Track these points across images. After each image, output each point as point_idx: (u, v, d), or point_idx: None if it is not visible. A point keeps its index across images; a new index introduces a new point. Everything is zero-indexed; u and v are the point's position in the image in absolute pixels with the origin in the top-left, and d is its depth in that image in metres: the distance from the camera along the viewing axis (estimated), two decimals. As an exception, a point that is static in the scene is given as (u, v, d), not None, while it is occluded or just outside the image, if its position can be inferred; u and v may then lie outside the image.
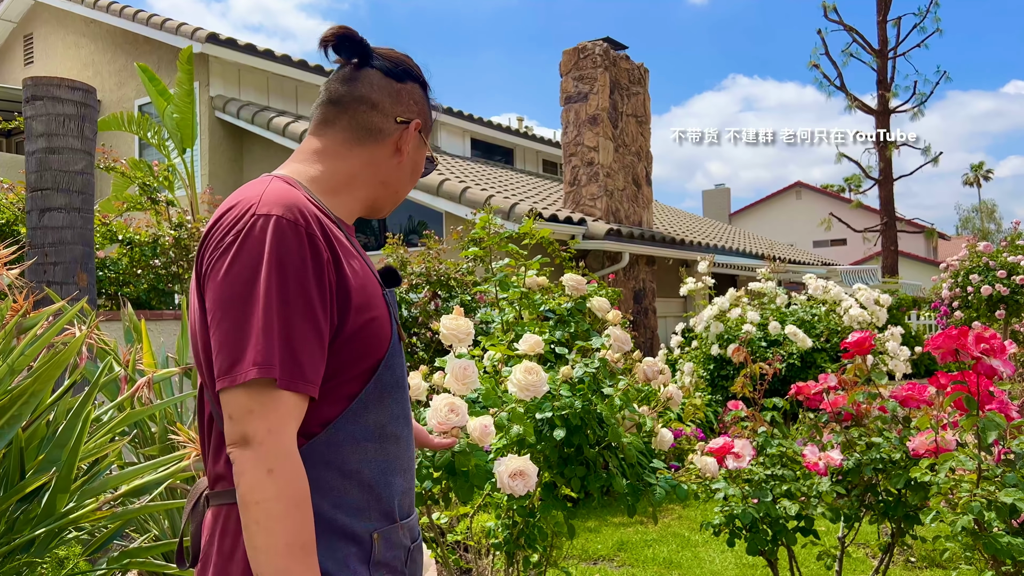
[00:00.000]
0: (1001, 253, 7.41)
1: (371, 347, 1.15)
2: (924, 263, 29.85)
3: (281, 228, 1.05)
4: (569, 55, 10.49)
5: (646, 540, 4.55)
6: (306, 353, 1.05)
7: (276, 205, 1.08)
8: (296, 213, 1.07)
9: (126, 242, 5.56)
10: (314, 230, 1.08)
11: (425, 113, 1.32)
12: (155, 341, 4.49)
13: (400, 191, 1.32)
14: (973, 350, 2.05)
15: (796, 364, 6.69)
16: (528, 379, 2.31)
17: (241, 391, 1.02)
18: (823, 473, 2.70)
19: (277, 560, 0.99)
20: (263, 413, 1.01)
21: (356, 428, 1.13)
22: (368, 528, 1.13)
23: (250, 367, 1.01)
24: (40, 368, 1.90)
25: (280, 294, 1.03)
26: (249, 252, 1.05)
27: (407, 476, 1.23)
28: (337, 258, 1.11)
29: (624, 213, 10.60)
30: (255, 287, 1.03)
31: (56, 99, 3.44)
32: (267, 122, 10.57)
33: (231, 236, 1.06)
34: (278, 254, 1.04)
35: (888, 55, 18.70)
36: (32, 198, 3.45)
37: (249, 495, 1.00)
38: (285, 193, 1.11)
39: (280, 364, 1.02)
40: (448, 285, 6.76)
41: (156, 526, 2.75)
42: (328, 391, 1.11)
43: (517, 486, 2.17)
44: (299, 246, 1.06)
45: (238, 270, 1.04)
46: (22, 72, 13.77)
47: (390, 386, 1.18)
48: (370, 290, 1.16)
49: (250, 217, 1.07)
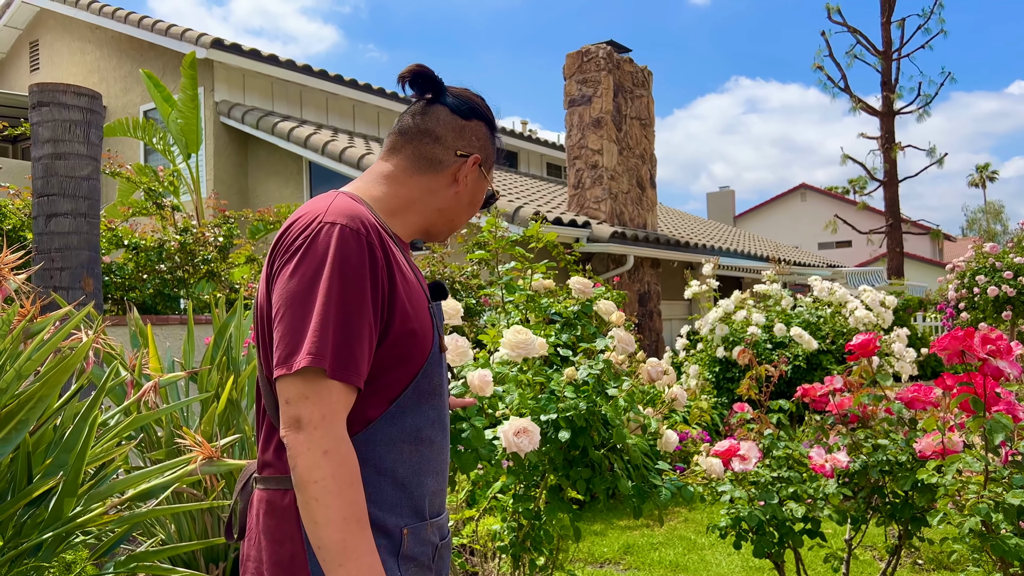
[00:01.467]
0: (1007, 254, 7.38)
1: (412, 355, 1.24)
2: (930, 264, 29.77)
3: (344, 235, 1.16)
4: (572, 58, 10.50)
5: (652, 543, 4.54)
6: (356, 348, 1.14)
7: (341, 215, 1.18)
8: (358, 223, 1.18)
9: (132, 247, 5.58)
10: (373, 239, 1.19)
11: (488, 150, 1.42)
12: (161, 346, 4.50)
13: (455, 220, 1.41)
14: (979, 351, 2.04)
15: (802, 366, 6.68)
16: (518, 338, 2.42)
17: (297, 378, 1.11)
18: (829, 475, 2.70)
19: (335, 533, 1.08)
20: (317, 399, 1.11)
21: (393, 430, 1.23)
22: (399, 523, 1.22)
23: (305, 356, 1.10)
24: (47, 373, 1.91)
25: (339, 293, 1.13)
26: (314, 255, 1.15)
27: (439, 478, 1.31)
28: (391, 268, 1.21)
29: (628, 216, 10.59)
30: (316, 286, 1.14)
31: (62, 105, 3.46)
32: (272, 127, 10.60)
33: (300, 240, 1.18)
34: (340, 257, 1.15)
35: (892, 56, 18.66)
36: (38, 204, 3.46)
37: (307, 474, 1.09)
38: (350, 206, 1.22)
39: (332, 356, 1.11)
40: (453, 288, 6.77)
41: (163, 530, 2.75)
42: (370, 392, 1.21)
43: (523, 443, 2.24)
44: (359, 252, 1.16)
45: (303, 271, 1.15)
46: (28, 79, 13.84)
47: (428, 393, 1.28)
48: (417, 302, 1.26)
49: (317, 224, 1.18)
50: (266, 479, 1.24)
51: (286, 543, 1.19)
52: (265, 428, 1.27)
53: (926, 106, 18.72)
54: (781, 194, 36.95)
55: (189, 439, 2.18)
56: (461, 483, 3.08)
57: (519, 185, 12.65)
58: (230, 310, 3.12)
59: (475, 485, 2.84)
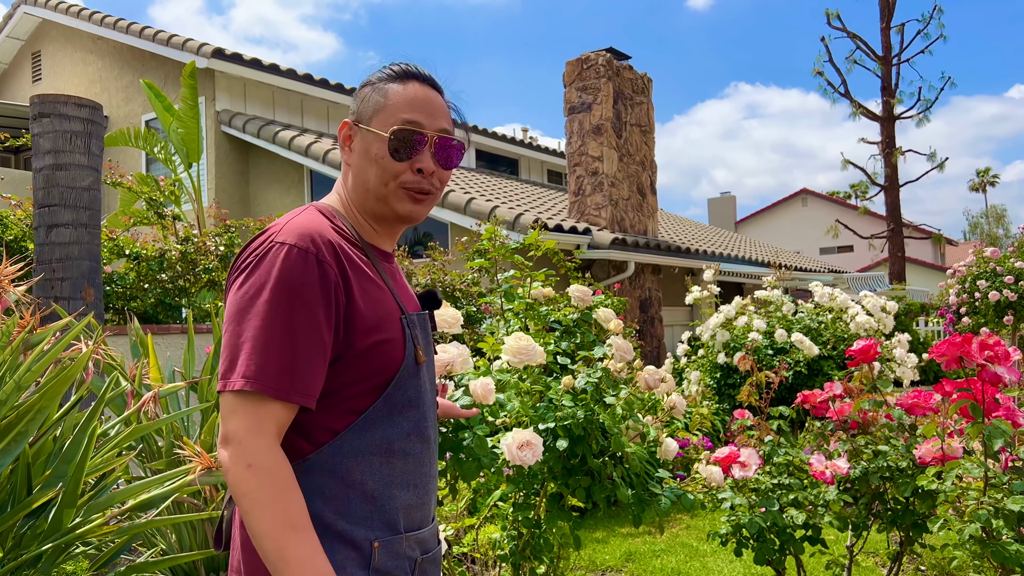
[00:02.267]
0: (1008, 259, 7.37)
1: (380, 367, 1.23)
2: (932, 269, 29.73)
3: (291, 255, 1.16)
4: (572, 66, 10.53)
5: (654, 550, 4.53)
6: (295, 365, 1.14)
7: (292, 234, 1.19)
8: (308, 242, 1.18)
9: (133, 257, 5.59)
10: (324, 256, 1.18)
11: (365, 105, 1.33)
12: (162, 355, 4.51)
13: (369, 182, 1.31)
14: (977, 357, 2.04)
15: (803, 372, 6.67)
16: (520, 344, 2.43)
17: (229, 395, 1.13)
18: (830, 482, 2.69)
19: (271, 543, 1.09)
20: (244, 414, 1.12)
21: (361, 442, 1.22)
22: (368, 536, 1.20)
23: (238, 377, 1.12)
24: (47, 384, 1.92)
25: (277, 311, 1.14)
26: (259, 274, 1.17)
27: (416, 491, 1.29)
28: (348, 284, 1.20)
29: (629, 222, 10.60)
30: (255, 305, 1.15)
31: (63, 116, 3.47)
32: (273, 136, 10.63)
33: (251, 259, 1.20)
34: (283, 277, 1.15)
35: (892, 61, 18.69)
36: (39, 214, 3.47)
37: (235, 489, 1.11)
38: (307, 223, 1.22)
39: (262, 374, 1.12)
40: (454, 296, 6.77)
41: (163, 540, 2.75)
42: (335, 404, 1.21)
43: (526, 456, 2.24)
44: (305, 271, 1.16)
45: (246, 288, 1.17)
46: (30, 89, 13.89)
47: (401, 405, 1.26)
48: (383, 314, 1.25)
49: (268, 244, 1.19)
50: None
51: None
52: None
53: (926, 111, 18.74)
54: (782, 199, 36.95)
55: (189, 449, 2.19)
56: (462, 491, 3.08)
57: (520, 192, 12.67)
58: (230, 319, 3.13)
59: (476, 493, 2.84)
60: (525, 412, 2.52)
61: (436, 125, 1.32)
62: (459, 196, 9.06)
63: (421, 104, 1.31)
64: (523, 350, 2.44)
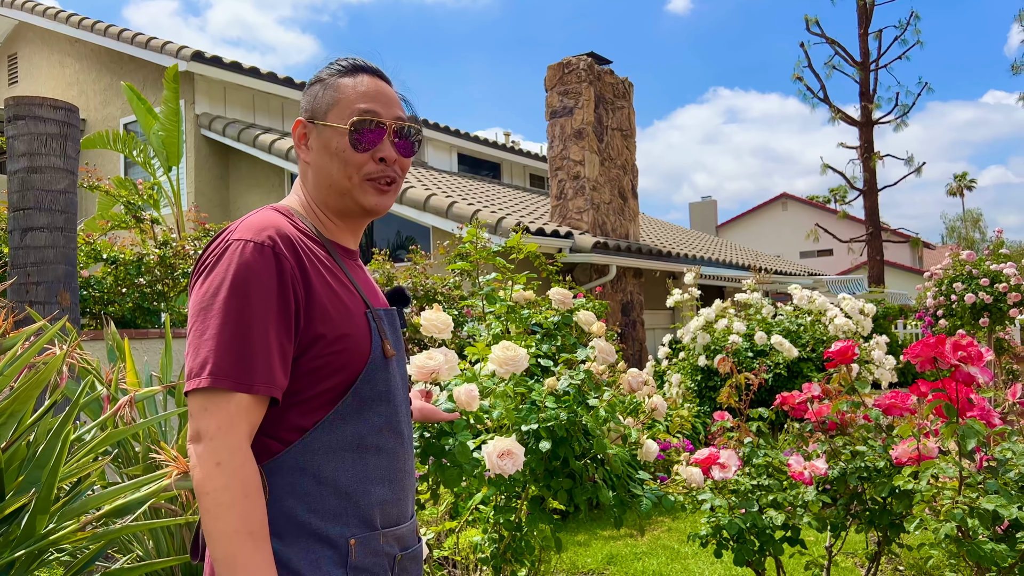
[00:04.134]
0: (984, 262, 7.47)
1: (345, 361, 1.22)
2: (910, 272, 30.06)
3: (246, 250, 1.16)
4: (554, 70, 10.56)
5: (636, 553, 4.54)
6: (259, 357, 1.13)
7: (248, 230, 1.19)
8: (265, 236, 1.18)
9: (111, 261, 5.53)
10: (281, 250, 1.18)
11: (316, 101, 1.33)
12: (139, 360, 4.46)
13: (334, 175, 1.30)
14: (951, 358, 2.07)
15: (783, 374, 6.71)
16: (507, 355, 2.41)
17: (198, 393, 1.12)
18: (808, 482, 2.71)
19: (225, 546, 1.08)
20: (214, 411, 1.11)
21: (332, 438, 1.21)
22: (344, 533, 1.20)
23: (205, 374, 1.11)
24: (19, 388, 1.89)
25: (237, 306, 1.14)
26: (217, 272, 1.16)
27: (392, 487, 1.28)
28: (307, 276, 1.20)
29: (611, 226, 10.63)
30: (215, 302, 1.15)
31: (38, 119, 3.43)
32: (253, 139, 10.57)
33: (210, 259, 1.20)
34: (240, 273, 1.15)
35: (870, 67, 18.90)
36: (14, 218, 3.43)
37: (200, 486, 1.09)
38: (263, 219, 1.22)
39: (230, 368, 1.11)
40: (435, 300, 6.76)
41: (140, 546, 2.72)
42: (303, 400, 1.20)
43: (506, 465, 2.23)
44: (263, 265, 1.16)
45: (206, 287, 1.17)
46: (6, 91, 13.73)
47: (371, 400, 1.25)
48: (345, 308, 1.24)
49: (225, 243, 1.19)
50: None
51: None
52: None
53: (904, 116, 18.96)
54: (763, 203, 37.23)
55: (166, 454, 2.16)
56: (444, 495, 3.07)
57: (502, 196, 12.68)
58: (209, 323, 3.11)
59: (457, 497, 2.83)
60: (508, 417, 2.51)
61: (392, 114, 1.32)
62: (441, 200, 9.05)
63: (375, 95, 1.32)
64: (510, 360, 2.42)
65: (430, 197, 9.13)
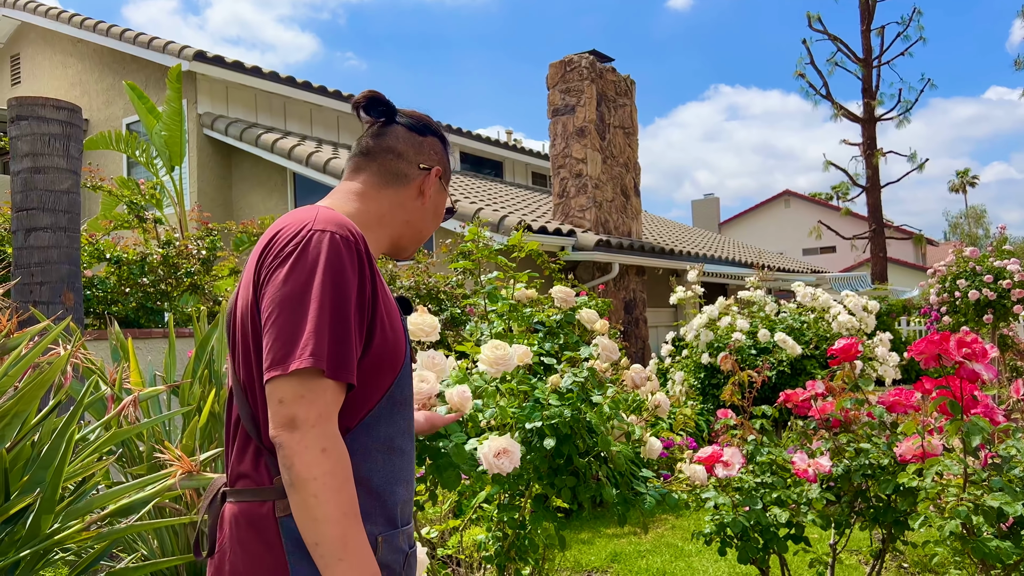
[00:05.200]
0: (987, 258, 7.44)
1: (389, 364, 1.27)
2: (913, 269, 30.01)
3: (335, 242, 1.20)
4: (556, 68, 10.55)
5: (639, 551, 4.54)
6: (348, 348, 1.17)
7: (330, 223, 1.22)
8: (348, 231, 1.23)
9: (114, 260, 5.54)
10: (362, 248, 1.23)
11: (444, 162, 1.49)
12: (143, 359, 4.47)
13: (423, 231, 1.47)
14: (955, 355, 2.06)
15: (786, 371, 6.71)
16: (496, 354, 2.40)
17: (292, 379, 1.13)
18: (812, 480, 2.71)
19: (335, 528, 1.11)
20: (313, 399, 1.13)
21: (368, 439, 1.25)
22: (373, 531, 1.24)
23: (304, 357, 1.12)
24: (24, 388, 1.89)
25: (332, 297, 1.16)
26: (307, 260, 1.18)
27: (408, 487, 1.34)
28: (375, 278, 1.26)
29: (613, 224, 10.63)
30: (310, 290, 1.16)
31: (41, 119, 3.43)
32: (255, 139, 10.58)
33: (291, 247, 1.20)
34: (332, 262, 1.18)
35: (873, 64, 18.86)
36: (17, 218, 3.44)
37: (306, 471, 1.11)
38: (337, 215, 1.26)
39: (328, 356, 1.14)
40: (438, 298, 6.76)
41: (144, 546, 2.73)
42: (348, 401, 1.23)
43: (503, 464, 2.22)
44: (351, 258, 1.20)
45: (296, 275, 1.17)
46: (9, 92, 13.75)
47: (400, 403, 1.31)
48: (394, 313, 1.31)
49: (308, 232, 1.21)
50: (240, 491, 1.25)
51: (266, 554, 1.19)
52: (239, 439, 1.28)
53: (906, 112, 18.92)
54: (765, 201, 37.19)
55: (170, 453, 2.17)
56: (442, 495, 3.07)
57: (504, 194, 12.67)
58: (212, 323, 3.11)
59: (461, 496, 2.83)
60: (506, 416, 2.51)
61: None
62: (443, 198, 9.05)
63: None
64: (500, 359, 2.42)
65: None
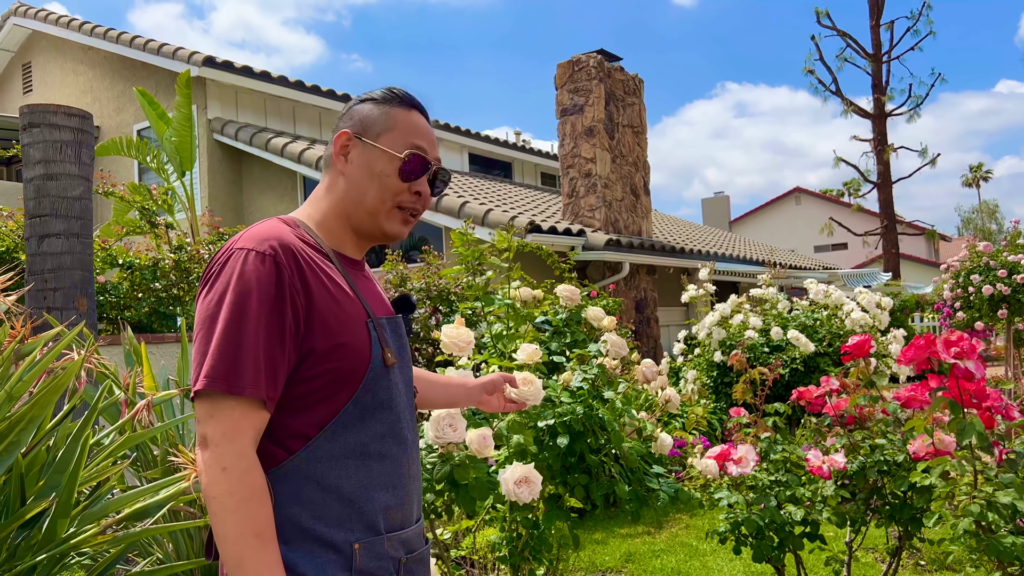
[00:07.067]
0: (1001, 253, 7.39)
1: (346, 370, 1.25)
2: (926, 265, 29.80)
3: (248, 259, 1.20)
4: (564, 68, 10.54)
5: (654, 550, 4.53)
6: (250, 361, 1.16)
7: (251, 240, 1.23)
8: (266, 246, 1.22)
9: (126, 266, 5.57)
10: (282, 259, 1.21)
11: (368, 120, 1.37)
12: (156, 364, 4.49)
13: (365, 197, 1.34)
14: (945, 356, 2.05)
15: (799, 369, 6.67)
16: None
17: (203, 399, 1.16)
18: (827, 477, 2.69)
19: (232, 547, 1.11)
20: (219, 417, 1.15)
21: (334, 446, 1.24)
22: (348, 539, 1.22)
23: (203, 378, 1.15)
24: (39, 393, 1.91)
25: (235, 315, 1.17)
26: (221, 281, 1.21)
27: (396, 492, 1.30)
28: (307, 285, 1.23)
29: (623, 223, 10.61)
30: (219, 310, 1.18)
31: (53, 126, 3.46)
32: (265, 143, 10.62)
33: (213, 268, 1.24)
34: (242, 281, 1.19)
35: (882, 59, 18.75)
36: (31, 224, 3.46)
37: (207, 491, 1.13)
38: (265, 229, 1.26)
39: (228, 374, 1.15)
40: (448, 300, 6.77)
41: (160, 549, 2.74)
42: (306, 408, 1.23)
43: (523, 493, 2.21)
44: (263, 274, 1.19)
45: (211, 296, 1.21)
46: (21, 100, 13.86)
47: (373, 408, 1.28)
48: (346, 317, 1.27)
49: (228, 252, 1.24)
50: None
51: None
52: None
53: (917, 107, 18.81)
54: (776, 198, 37.03)
55: (184, 457, 2.18)
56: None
57: (514, 195, 12.67)
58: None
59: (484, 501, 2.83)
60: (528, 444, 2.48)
61: (435, 155, 1.41)
62: (452, 200, 9.06)
63: (425, 134, 1.39)
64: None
65: (442, 197, 9.14)
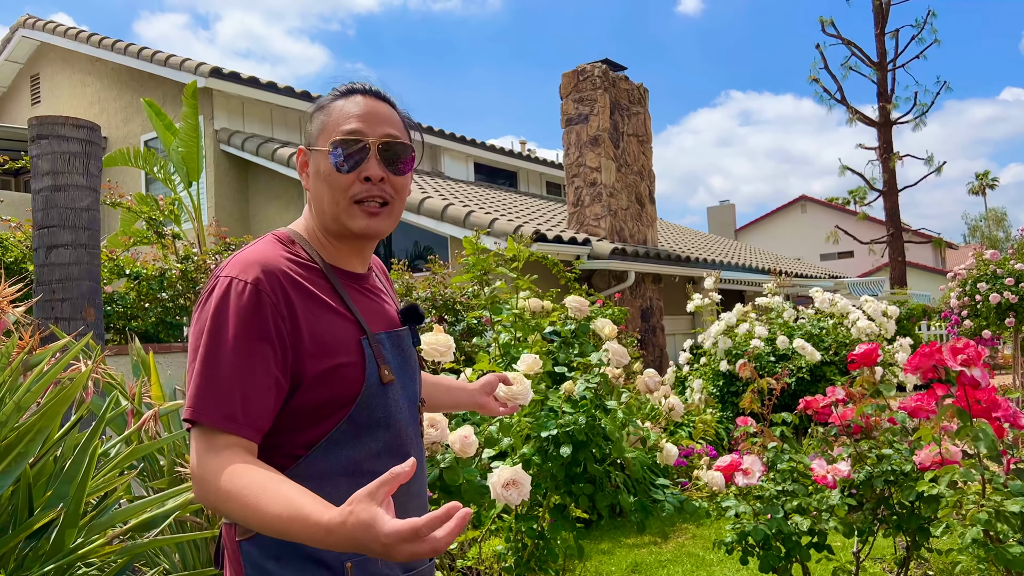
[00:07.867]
0: (1008, 261, 7.37)
1: (338, 391, 1.24)
2: (933, 273, 29.71)
3: (229, 288, 1.19)
4: (569, 77, 10.57)
5: (660, 561, 4.51)
6: (228, 393, 1.15)
7: (236, 267, 1.22)
8: (249, 272, 1.20)
9: (133, 276, 5.60)
10: (264, 287, 1.19)
11: (311, 129, 1.35)
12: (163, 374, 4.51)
13: (325, 202, 1.31)
14: (952, 363, 2.04)
15: (806, 378, 6.65)
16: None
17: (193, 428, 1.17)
18: (832, 486, 2.68)
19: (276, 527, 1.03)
20: (196, 445, 1.15)
21: (326, 464, 1.23)
22: (340, 556, 1.20)
23: (189, 409, 1.16)
24: (46, 404, 1.92)
25: (216, 345, 1.17)
26: (205, 310, 1.21)
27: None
28: (293, 311, 1.21)
29: (629, 232, 10.61)
30: (201, 340, 1.19)
31: (61, 137, 3.49)
32: (271, 153, 10.67)
33: (202, 296, 1.24)
34: (220, 310, 1.18)
35: (887, 67, 18.76)
36: (39, 235, 3.48)
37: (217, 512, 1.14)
38: (253, 254, 1.24)
39: (204, 405, 1.14)
40: (454, 309, 6.78)
41: (167, 560, 2.74)
42: (295, 427, 1.22)
43: (511, 496, 2.18)
44: (244, 302, 1.18)
45: (195, 327, 1.22)
46: (29, 112, 13.96)
47: (367, 426, 1.26)
48: (335, 339, 1.25)
49: (213, 280, 1.23)
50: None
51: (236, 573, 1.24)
52: None
53: (922, 115, 18.79)
54: (782, 206, 37.00)
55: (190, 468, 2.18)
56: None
57: (519, 204, 12.69)
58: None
59: (480, 507, 2.83)
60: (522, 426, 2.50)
61: (379, 132, 1.30)
62: (458, 210, 9.08)
63: (362, 114, 1.30)
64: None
65: (447, 207, 9.16)
